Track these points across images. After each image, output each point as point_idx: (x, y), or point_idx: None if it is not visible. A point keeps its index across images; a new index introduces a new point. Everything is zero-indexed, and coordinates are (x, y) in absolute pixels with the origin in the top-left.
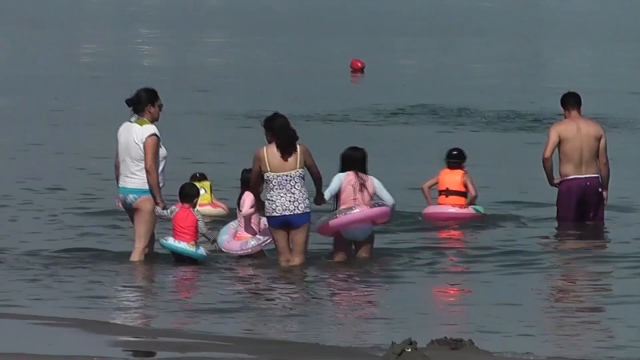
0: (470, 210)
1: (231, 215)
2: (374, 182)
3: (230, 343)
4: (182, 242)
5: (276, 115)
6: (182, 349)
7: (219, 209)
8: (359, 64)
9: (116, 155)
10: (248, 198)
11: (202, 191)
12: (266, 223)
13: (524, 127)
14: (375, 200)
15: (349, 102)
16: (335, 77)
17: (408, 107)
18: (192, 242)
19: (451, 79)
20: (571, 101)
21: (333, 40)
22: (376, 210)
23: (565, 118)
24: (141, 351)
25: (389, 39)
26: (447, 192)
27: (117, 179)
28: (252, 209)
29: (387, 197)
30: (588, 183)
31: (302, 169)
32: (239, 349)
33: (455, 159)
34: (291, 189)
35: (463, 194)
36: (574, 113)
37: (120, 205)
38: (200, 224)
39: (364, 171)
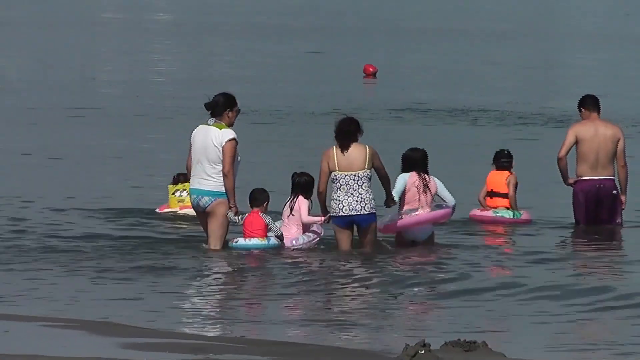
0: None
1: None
2: (436, 183)
3: (243, 345)
4: (252, 239)
5: (342, 116)
6: (195, 351)
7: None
8: (371, 69)
9: (189, 158)
10: (303, 204)
11: (183, 194)
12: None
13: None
14: (436, 200)
15: (362, 102)
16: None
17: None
18: (262, 237)
19: (465, 81)
20: (590, 103)
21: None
22: (440, 212)
23: (583, 119)
24: (153, 353)
25: (401, 44)
26: (492, 194)
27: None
28: (314, 218)
29: (448, 198)
30: (602, 185)
31: (369, 170)
32: (251, 351)
33: (502, 160)
34: (358, 189)
35: (507, 196)
36: (593, 115)
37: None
38: (272, 225)
39: (426, 171)
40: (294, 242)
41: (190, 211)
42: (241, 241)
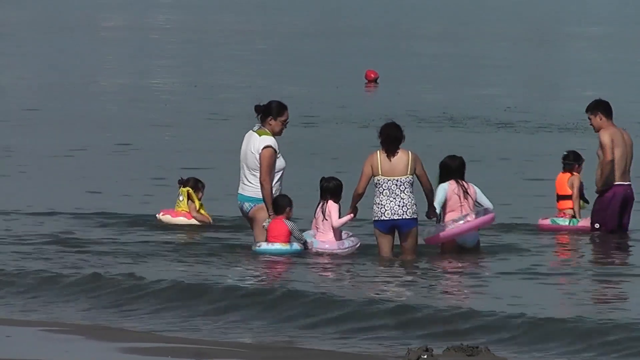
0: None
1: (212, 225)
2: (475, 189)
3: (244, 349)
4: (275, 244)
5: (387, 122)
6: (198, 355)
7: (192, 221)
8: (373, 75)
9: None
10: (334, 209)
11: (179, 197)
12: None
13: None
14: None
15: (364, 109)
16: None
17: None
18: (286, 242)
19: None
20: (608, 108)
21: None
22: (485, 218)
23: (596, 125)
24: (156, 357)
25: (403, 48)
26: (557, 197)
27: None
28: (344, 219)
29: (487, 203)
30: (629, 190)
31: (411, 176)
32: (253, 356)
33: (565, 161)
34: (400, 194)
35: (571, 197)
36: (610, 121)
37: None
38: (295, 231)
39: (463, 178)
40: (340, 246)
41: (179, 220)
42: (264, 245)
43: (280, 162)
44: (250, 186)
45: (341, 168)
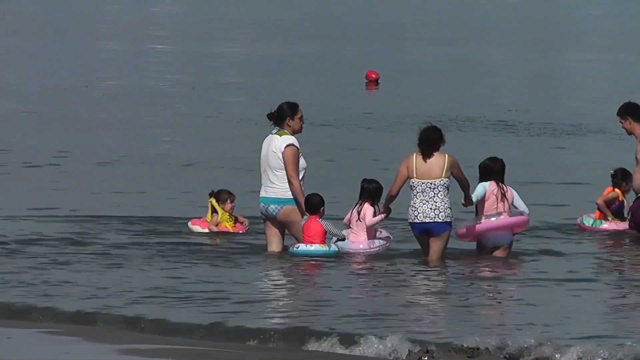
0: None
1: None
2: (513, 193)
3: (245, 351)
4: (313, 245)
5: (427, 124)
6: (198, 357)
7: (206, 230)
8: (374, 75)
9: (260, 167)
10: (369, 211)
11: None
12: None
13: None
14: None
15: (365, 110)
16: (350, 88)
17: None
18: (323, 243)
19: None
20: (637, 111)
21: (348, 50)
22: (521, 218)
23: (628, 128)
24: (155, 359)
25: (404, 49)
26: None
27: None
28: (376, 219)
29: (523, 207)
30: None
31: (447, 179)
32: (253, 357)
33: (614, 180)
34: (434, 197)
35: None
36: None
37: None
38: (330, 229)
39: (503, 181)
40: (370, 245)
41: (195, 227)
42: (302, 247)
43: (302, 162)
44: (275, 187)
45: (340, 168)
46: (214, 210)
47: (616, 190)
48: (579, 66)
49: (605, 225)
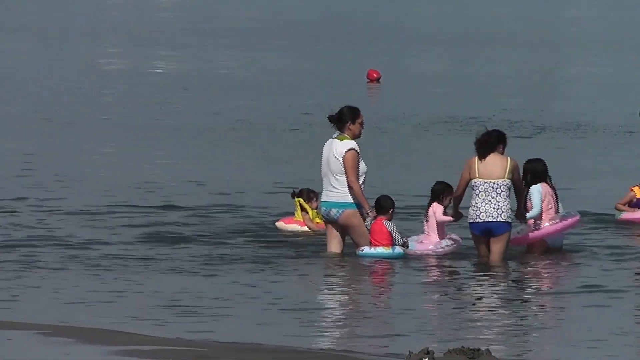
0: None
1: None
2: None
3: (246, 351)
4: (378, 248)
5: (483, 129)
6: (199, 358)
7: (304, 228)
8: (375, 75)
9: (321, 171)
10: (439, 209)
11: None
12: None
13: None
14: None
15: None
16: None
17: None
18: (388, 246)
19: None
20: None
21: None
22: (572, 220)
23: None
24: None
25: (405, 49)
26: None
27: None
28: (445, 217)
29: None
30: None
31: (509, 180)
32: (255, 358)
33: None
34: (496, 196)
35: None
36: None
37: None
38: (394, 233)
39: (550, 180)
40: (437, 246)
41: (291, 226)
42: (367, 249)
43: (363, 166)
44: (336, 191)
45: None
46: (302, 209)
47: (633, 189)
48: (578, 66)
49: (624, 216)
